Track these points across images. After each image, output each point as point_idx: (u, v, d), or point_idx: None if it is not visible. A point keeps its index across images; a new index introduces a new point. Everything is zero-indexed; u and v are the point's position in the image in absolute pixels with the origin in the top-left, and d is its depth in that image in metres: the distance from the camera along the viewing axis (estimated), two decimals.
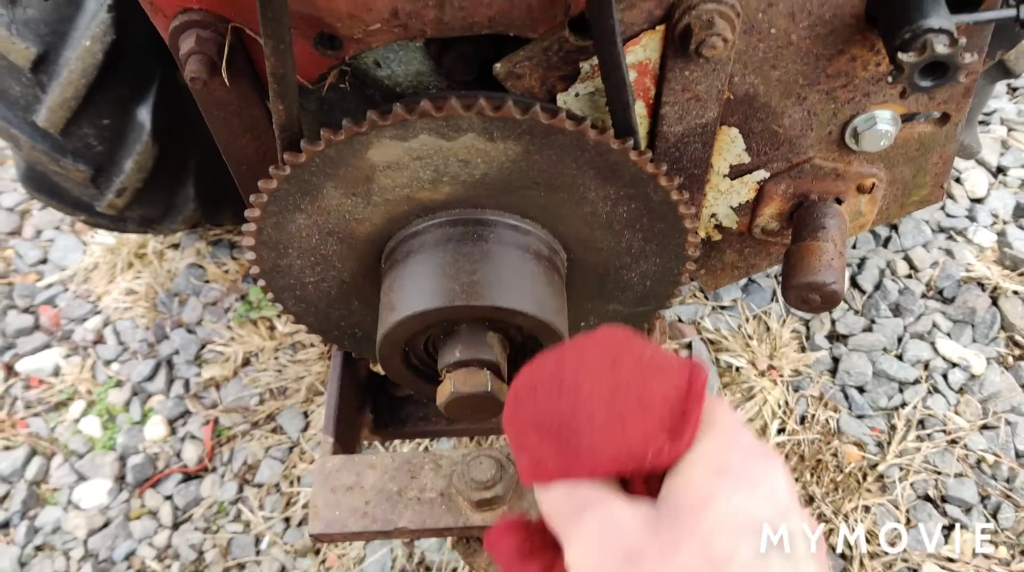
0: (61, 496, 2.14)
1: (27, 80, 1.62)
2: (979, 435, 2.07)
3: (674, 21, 1.05)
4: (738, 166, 1.31)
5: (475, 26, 1.06)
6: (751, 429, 0.77)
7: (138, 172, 1.81)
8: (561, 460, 0.77)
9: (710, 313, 2.33)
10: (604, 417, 0.77)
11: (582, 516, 0.74)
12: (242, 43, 1.09)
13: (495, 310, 1.11)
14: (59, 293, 2.56)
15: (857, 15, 1.08)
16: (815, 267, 1.26)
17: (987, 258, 2.39)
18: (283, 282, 1.30)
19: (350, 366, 1.54)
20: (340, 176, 1.12)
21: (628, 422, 0.77)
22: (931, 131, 1.30)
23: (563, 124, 1.05)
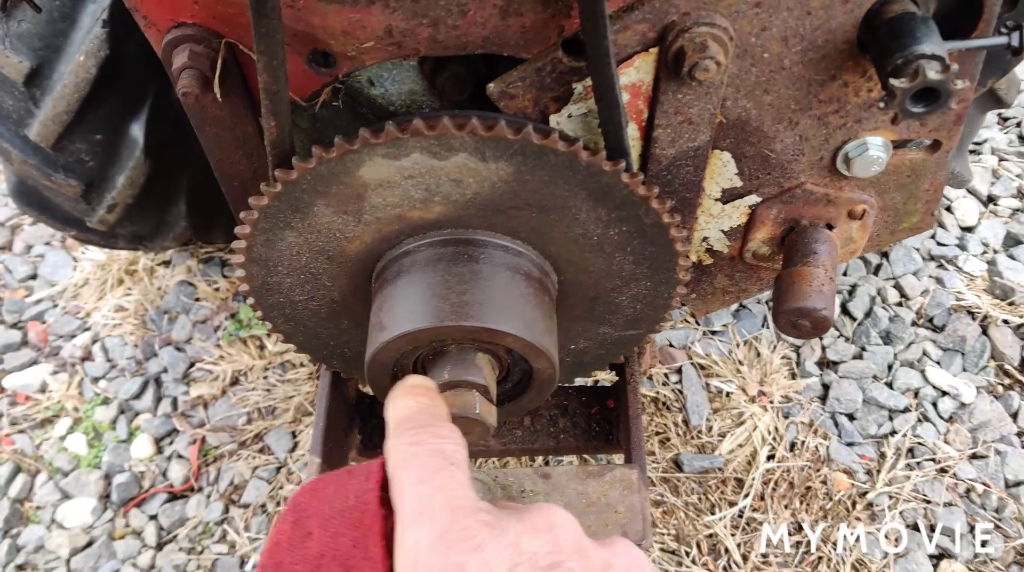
0: (45, 514, 2.12)
1: (20, 94, 1.62)
2: (968, 464, 2.06)
3: (667, 44, 1.05)
4: (730, 190, 1.31)
5: (469, 46, 1.07)
6: (429, 496, 0.78)
7: (130, 188, 1.80)
8: None
9: (701, 338, 2.33)
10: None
11: None
12: (235, 59, 1.09)
13: (484, 331, 1.11)
14: (48, 309, 2.54)
15: (850, 41, 1.09)
16: (805, 293, 1.26)
17: (977, 287, 2.39)
18: (273, 300, 1.29)
19: (338, 386, 1.53)
20: (331, 194, 1.11)
21: None
22: (922, 158, 1.30)
23: (555, 145, 1.05)
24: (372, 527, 0.77)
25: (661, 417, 2.16)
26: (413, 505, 0.77)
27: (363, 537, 0.77)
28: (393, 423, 0.91)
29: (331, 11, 1.00)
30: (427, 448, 0.84)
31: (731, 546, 1.93)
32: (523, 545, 0.73)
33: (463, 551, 0.72)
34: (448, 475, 0.80)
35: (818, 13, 1.05)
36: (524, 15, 1.03)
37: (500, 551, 0.72)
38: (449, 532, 0.73)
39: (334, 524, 0.79)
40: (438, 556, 0.72)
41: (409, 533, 0.75)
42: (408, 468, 0.81)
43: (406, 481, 0.80)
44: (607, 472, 1.31)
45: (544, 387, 1.22)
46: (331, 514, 0.80)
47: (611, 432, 1.59)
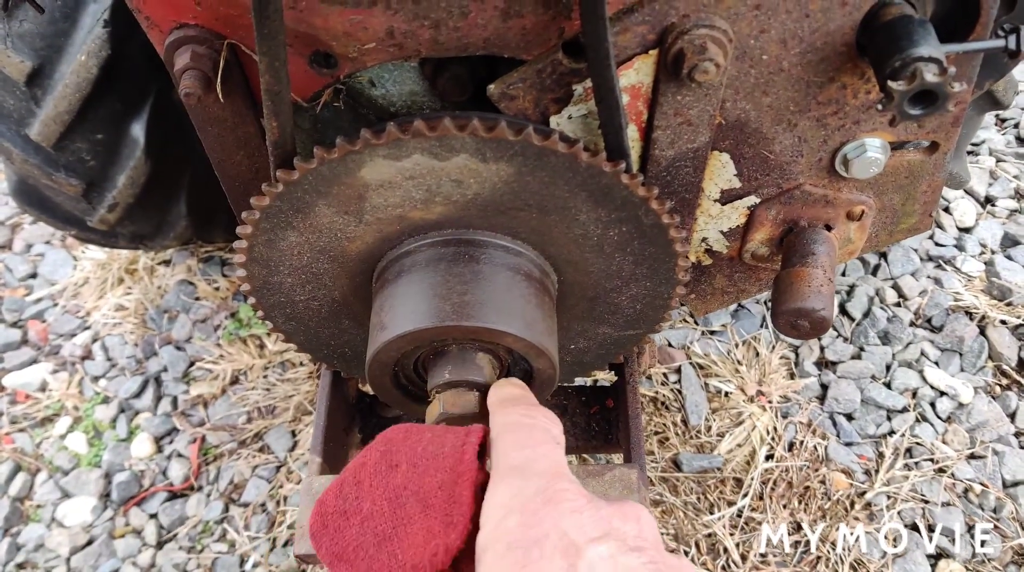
0: (45, 513, 2.12)
1: (21, 93, 1.62)
2: (966, 464, 2.07)
3: (667, 46, 1.06)
4: (729, 191, 1.32)
5: (470, 47, 1.07)
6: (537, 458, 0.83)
7: (130, 187, 1.80)
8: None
9: (700, 338, 2.33)
10: (389, 528, 0.80)
11: None
12: (237, 60, 1.10)
13: (485, 331, 1.11)
14: (48, 308, 2.55)
15: (848, 43, 1.09)
16: (804, 293, 1.26)
17: (975, 287, 2.40)
18: (274, 299, 1.30)
19: (339, 386, 1.54)
20: (333, 194, 1.12)
21: (411, 527, 0.79)
22: (920, 160, 1.31)
23: (556, 146, 1.06)
24: (465, 474, 0.81)
25: (660, 417, 2.17)
26: (517, 462, 0.82)
27: (452, 481, 0.81)
28: (500, 400, 0.99)
29: (333, 12, 1.01)
30: (539, 423, 0.90)
31: (730, 546, 1.94)
32: (614, 523, 0.76)
33: (561, 510, 0.75)
34: (554, 449, 0.86)
35: (816, 16, 1.06)
36: (525, 17, 1.03)
37: (594, 520, 0.75)
38: (549, 490, 0.78)
39: (424, 464, 0.83)
40: (533, 510, 0.76)
41: (506, 485, 0.80)
42: (517, 433, 0.87)
43: (512, 443, 0.85)
44: (607, 471, 1.32)
45: (544, 387, 1.22)
46: (423, 455, 0.84)
47: (610, 432, 1.60)
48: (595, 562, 0.71)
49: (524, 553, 0.72)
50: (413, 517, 0.79)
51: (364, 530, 0.81)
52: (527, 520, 0.75)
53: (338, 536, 0.82)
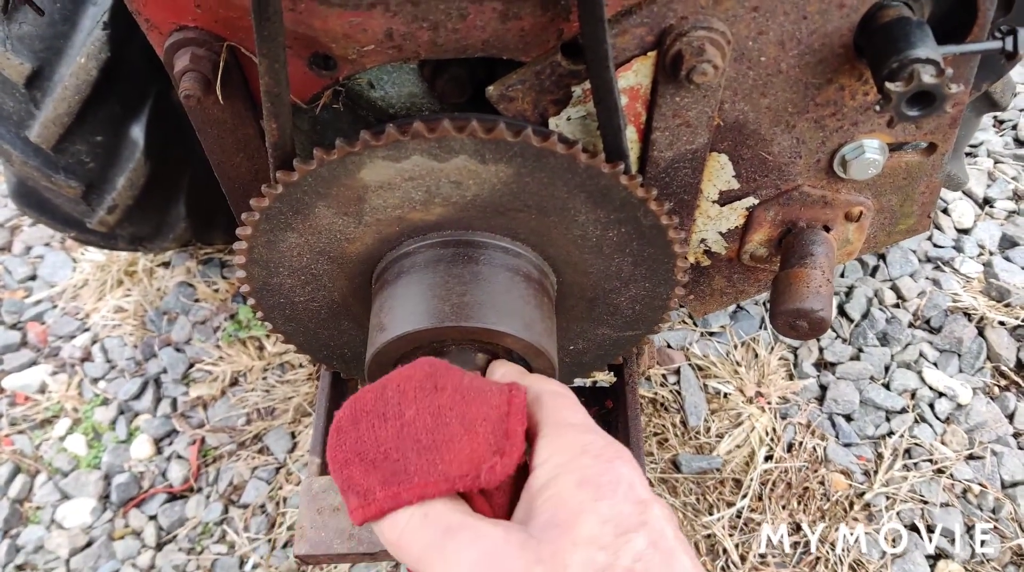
0: (44, 514, 2.12)
1: (21, 96, 1.62)
2: (965, 465, 2.07)
3: (665, 47, 1.06)
4: (727, 192, 1.32)
5: (469, 49, 1.07)
6: (593, 424, 0.84)
7: (130, 189, 1.81)
8: (390, 489, 0.77)
9: (699, 339, 2.34)
10: (430, 440, 0.79)
11: (447, 543, 0.74)
12: (237, 62, 1.10)
13: (484, 332, 1.12)
14: (47, 310, 2.55)
15: (846, 45, 1.10)
16: (803, 294, 1.27)
17: (973, 289, 2.40)
18: (273, 301, 1.30)
19: (338, 387, 1.54)
20: (332, 195, 1.12)
21: (455, 443, 0.78)
22: (918, 161, 1.31)
23: (555, 147, 1.06)
24: (515, 415, 0.81)
25: (659, 418, 2.17)
26: (576, 421, 0.83)
27: (501, 418, 0.81)
28: (520, 373, 1.01)
29: (332, 14, 1.01)
30: (568, 391, 0.91)
31: (729, 546, 1.94)
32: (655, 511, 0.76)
33: (630, 466, 0.77)
34: (590, 416, 0.87)
35: (814, 18, 1.06)
36: (523, 19, 1.03)
37: (645, 493, 0.76)
38: (615, 446, 0.79)
39: (471, 395, 0.82)
40: (606, 458, 0.77)
41: (570, 434, 0.80)
42: (564, 399, 0.87)
43: (564, 406, 0.85)
44: None
45: None
46: (469, 386, 0.83)
47: (610, 432, 1.59)
48: (659, 517, 0.73)
49: (598, 489, 0.74)
50: (457, 437, 0.78)
51: (403, 436, 0.79)
52: (600, 466, 0.76)
53: (368, 435, 0.80)
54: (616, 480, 0.75)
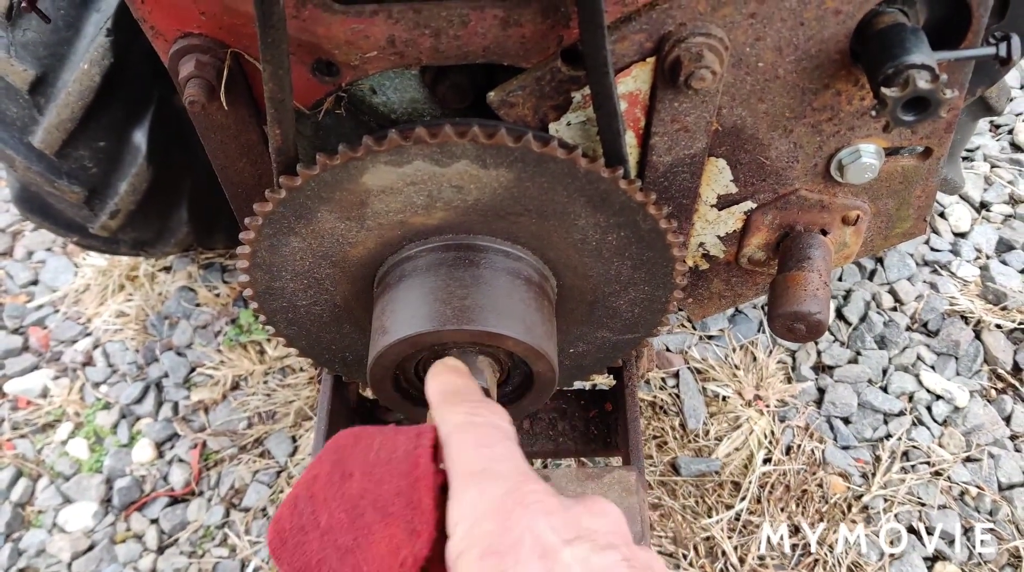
0: (46, 518, 2.13)
1: (24, 102, 1.63)
2: (962, 467, 2.08)
3: (664, 53, 1.07)
4: (725, 196, 1.34)
5: (470, 55, 1.09)
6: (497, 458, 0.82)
7: (132, 194, 1.82)
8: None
9: (697, 342, 2.35)
10: (350, 539, 0.78)
11: None
12: (241, 68, 1.11)
13: (485, 335, 1.13)
14: (49, 314, 2.56)
15: (842, 51, 1.11)
16: (801, 297, 1.28)
17: (970, 292, 2.42)
18: (276, 305, 1.31)
19: (340, 390, 1.55)
20: (335, 200, 1.13)
21: (373, 535, 0.77)
22: (914, 165, 1.32)
23: (555, 152, 1.07)
24: (423, 479, 0.79)
25: (658, 421, 2.18)
26: (477, 465, 0.80)
27: (410, 487, 0.79)
28: (440, 395, 0.95)
29: (335, 21, 1.03)
30: (487, 420, 0.87)
31: (728, 549, 1.95)
32: (584, 522, 0.75)
33: (533, 513, 0.74)
34: (510, 447, 0.84)
35: (811, 24, 1.08)
36: (524, 26, 1.05)
37: (566, 521, 0.74)
38: (518, 492, 0.76)
39: (379, 471, 0.80)
40: (505, 513, 0.74)
41: (471, 489, 0.77)
42: (469, 434, 0.84)
43: (467, 444, 0.82)
44: (606, 474, 1.33)
45: (544, 390, 1.24)
46: (376, 461, 0.81)
47: (609, 435, 1.61)
48: (571, 564, 0.70)
49: (500, 560, 0.71)
50: (373, 527, 0.78)
51: (324, 544, 0.79)
52: (500, 525, 0.74)
53: (298, 552, 0.80)
54: (517, 539, 0.72)
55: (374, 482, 0.80)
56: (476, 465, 0.80)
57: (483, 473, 0.79)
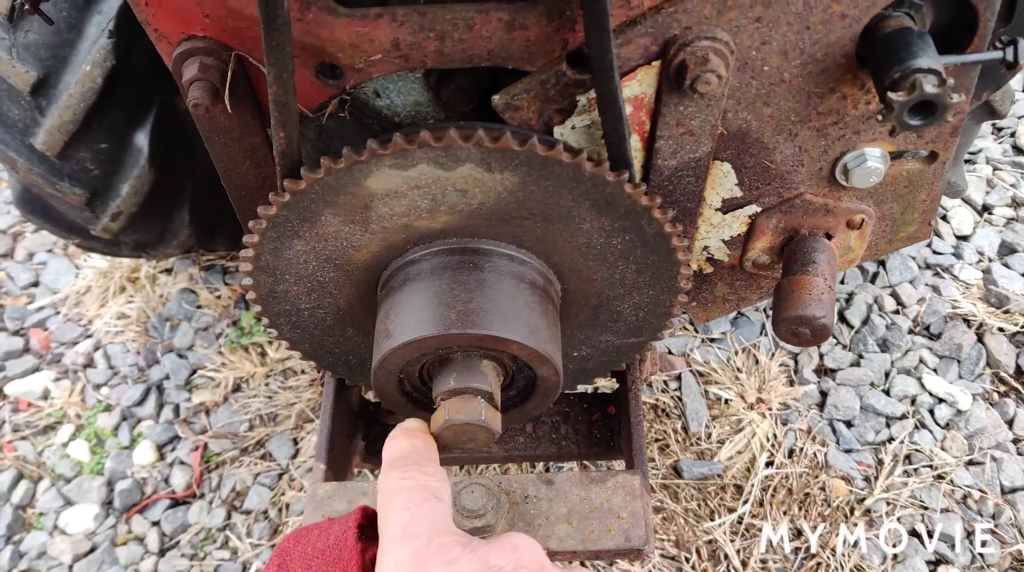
0: (47, 521, 2.13)
1: (26, 103, 1.63)
2: (965, 471, 2.08)
3: (669, 57, 1.07)
4: (730, 200, 1.33)
5: (474, 58, 1.08)
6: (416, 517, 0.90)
7: (134, 196, 1.82)
8: None
9: (700, 345, 2.34)
10: None
11: None
12: (244, 71, 1.11)
13: (490, 339, 1.12)
14: (50, 316, 2.55)
15: (848, 54, 1.11)
16: (805, 301, 1.28)
17: (973, 295, 2.42)
18: (279, 308, 1.31)
19: (343, 393, 1.54)
20: (339, 203, 1.13)
21: None
22: (919, 169, 1.32)
23: (560, 156, 1.07)
24: (351, 560, 0.87)
25: (661, 424, 2.18)
26: (397, 529, 0.87)
27: (342, 570, 0.86)
28: (387, 461, 1.01)
29: (339, 24, 1.02)
30: (414, 482, 0.94)
31: (730, 552, 1.95)
32: (491, 560, 0.81)
33: (438, 564, 0.81)
34: (431, 506, 0.90)
35: (817, 28, 1.07)
36: (529, 29, 1.04)
37: (471, 565, 0.80)
38: (426, 548, 0.83)
39: (316, 563, 0.88)
40: (420, 567, 0.81)
41: (390, 553, 0.84)
42: (396, 498, 0.91)
43: (393, 509, 0.89)
44: (610, 478, 1.33)
45: (548, 394, 1.23)
46: (313, 554, 0.89)
47: (612, 439, 1.61)
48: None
49: None
50: None
51: None
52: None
53: None
54: None
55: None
56: (396, 530, 0.87)
57: (400, 537, 0.86)
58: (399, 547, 0.84)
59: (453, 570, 0.80)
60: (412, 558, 0.82)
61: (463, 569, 0.80)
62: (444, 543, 0.83)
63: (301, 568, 0.87)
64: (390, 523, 0.88)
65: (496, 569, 0.80)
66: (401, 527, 0.86)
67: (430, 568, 0.80)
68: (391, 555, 0.84)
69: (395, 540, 0.85)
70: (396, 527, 0.87)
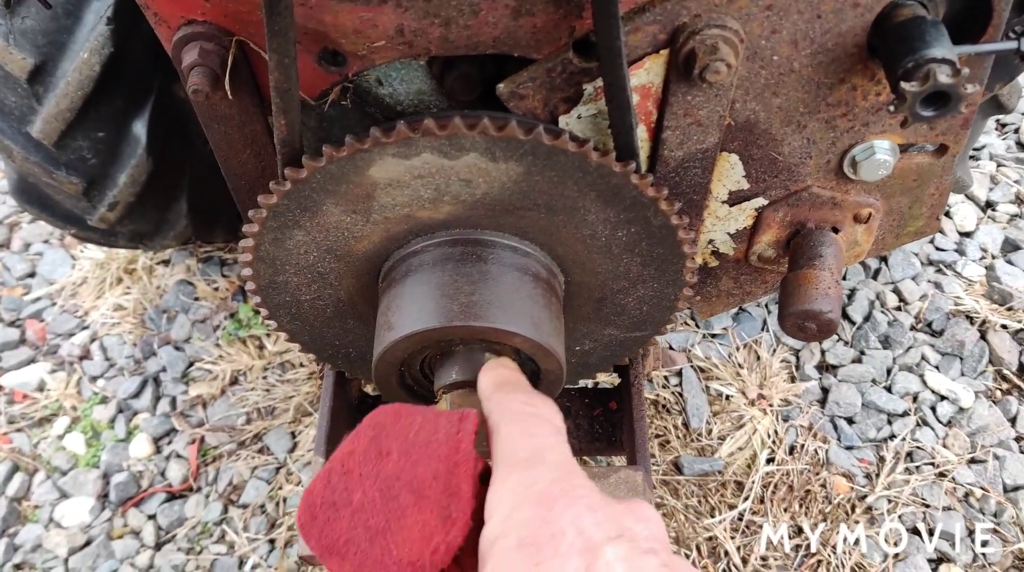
0: (43, 513, 2.11)
1: (23, 91, 1.61)
2: (967, 468, 2.07)
3: (678, 46, 1.06)
4: (737, 192, 1.32)
5: (480, 46, 1.07)
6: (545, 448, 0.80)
7: (131, 186, 1.79)
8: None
9: (701, 341, 2.33)
10: (381, 521, 0.76)
11: None
12: (245, 57, 1.09)
13: (493, 331, 1.11)
14: (46, 307, 2.53)
15: (859, 44, 1.09)
16: (812, 295, 1.26)
17: (976, 292, 2.40)
18: (279, 299, 1.29)
19: (342, 386, 1.53)
20: (341, 193, 1.11)
21: (406, 519, 0.75)
22: (929, 162, 1.30)
23: (566, 145, 1.05)
24: (463, 464, 0.77)
25: (661, 420, 2.16)
26: (525, 453, 0.78)
27: (449, 472, 0.76)
28: (494, 385, 0.95)
29: (343, 9, 1.01)
30: (538, 412, 0.86)
31: (731, 549, 1.94)
32: (626, 523, 0.73)
33: (578, 507, 0.72)
34: (562, 441, 0.82)
35: (828, 17, 1.06)
36: (536, 16, 1.03)
37: (609, 519, 0.72)
38: (563, 482, 0.74)
39: (417, 452, 0.78)
40: (549, 503, 0.72)
41: (516, 475, 0.76)
42: (520, 423, 0.83)
43: (518, 433, 0.81)
44: (612, 474, 1.32)
45: (551, 388, 1.22)
46: (415, 442, 0.79)
47: (614, 434, 1.59)
48: (612, 563, 0.68)
49: (538, 550, 0.69)
50: (407, 510, 0.76)
51: (355, 523, 0.77)
52: (542, 514, 0.72)
53: (328, 529, 0.79)
54: (559, 531, 0.70)
55: (411, 463, 0.78)
56: (523, 453, 0.78)
57: (529, 461, 0.77)
58: (529, 472, 0.76)
59: (593, 518, 0.71)
60: (547, 488, 0.73)
61: (602, 520, 0.71)
62: (583, 485, 0.75)
63: (398, 450, 0.79)
64: (514, 447, 0.79)
65: (632, 534, 0.72)
66: (531, 453, 0.78)
67: (567, 506, 0.72)
68: (517, 478, 0.75)
69: (521, 464, 0.77)
70: (524, 453, 0.78)
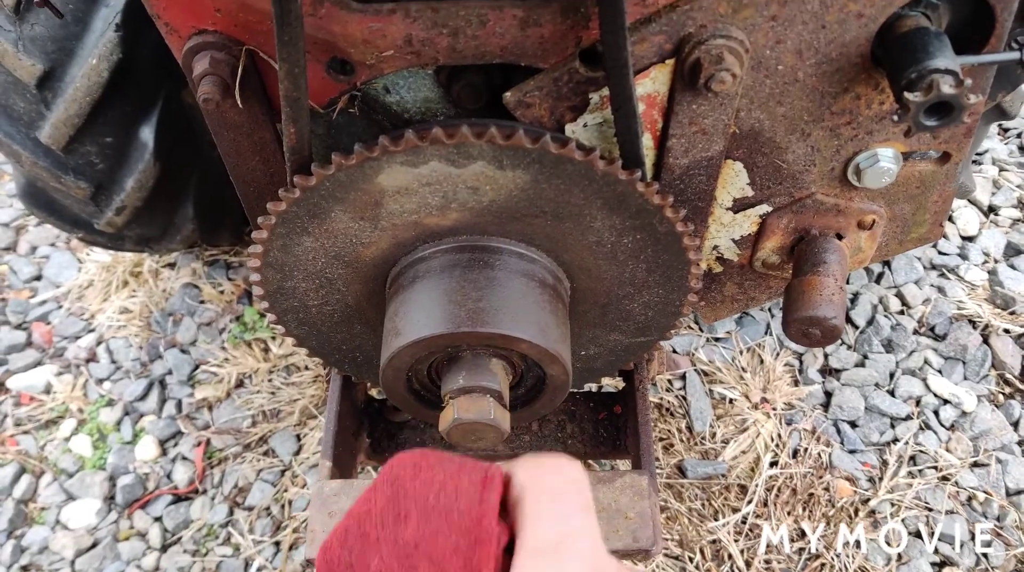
0: (49, 515, 2.12)
1: (32, 96, 1.62)
2: (970, 472, 2.08)
3: (684, 55, 1.06)
4: (741, 199, 1.33)
5: (487, 55, 1.08)
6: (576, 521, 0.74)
7: (139, 191, 1.80)
8: None
9: (704, 345, 2.34)
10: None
11: None
12: (255, 66, 1.10)
13: (500, 337, 1.12)
14: (53, 310, 2.55)
15: (863, 54, 1.10)
16: (816, 301, 1.27)
17: (978, 296, 2.41)
18: (287, 304, 1.30)
19: (349, 390, 1.54)
20: (349, 200, 1.12)
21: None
22: (932, 170, 1.31)
23: (572, 154, 1.06)
24: (485, 544, 0.73)
25: (665, 423, 2.17)
26: (552, 539, 0.73)
27: (470, 549, 0.72)
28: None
29: (352, 19, 1.02)
30: (572, 481, 0.79)
31: (734, 552, 1.94)
32: None
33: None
34: (591, 519, 0.76)
35: (832, 27, 1.07)
36: (543, 26, 1.04)
37: None
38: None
39: (437, 520, 0.74)
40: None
41: (543, 565, 0.71)
42: (549, 501, 0.76)
43: (546, 513, 0.75)
44: (617, 478, 1.32)
45: (557, 393, 1.23)
46: (435, 507, 0.75)
47: (618, 438, 1.60)
48: None
49: None
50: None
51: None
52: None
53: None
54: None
55: (431, 532, 0.74)
56: (550, 538, 0.73)
57: (555, 550, 0.72)
58: (559, 564, 0.71)
59: None
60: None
61: None
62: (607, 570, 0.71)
63: (418, 515, 0.74)
64: (540, 530, 0.73)
65: None
66: (557, 540, 0.72)
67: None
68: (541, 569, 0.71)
69: (548, 555, 0.72)
70: (550, 538, 0.73)
